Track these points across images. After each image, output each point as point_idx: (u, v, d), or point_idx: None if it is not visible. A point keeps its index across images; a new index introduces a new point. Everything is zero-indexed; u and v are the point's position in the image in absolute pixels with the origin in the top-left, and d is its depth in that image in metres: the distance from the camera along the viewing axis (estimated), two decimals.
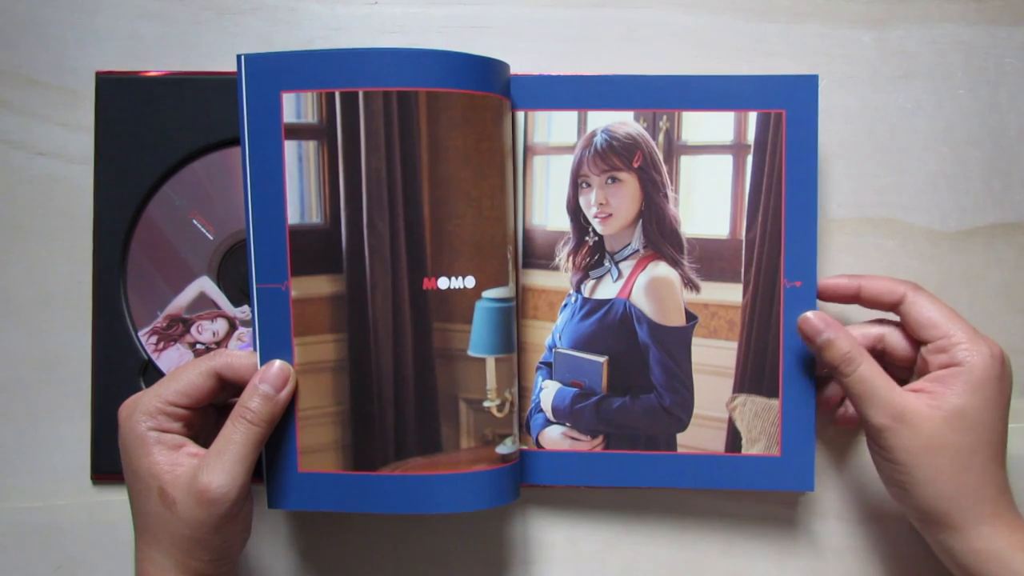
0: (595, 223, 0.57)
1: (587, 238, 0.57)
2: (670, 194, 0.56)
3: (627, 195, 0.56)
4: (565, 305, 0.57)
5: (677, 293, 0.57)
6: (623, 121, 0.57)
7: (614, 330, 0.57)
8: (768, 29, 0.60)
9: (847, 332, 0.52)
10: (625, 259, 0.57)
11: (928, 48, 0.60)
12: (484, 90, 0.52)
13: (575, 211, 0.57)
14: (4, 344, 0.59)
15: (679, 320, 0.57)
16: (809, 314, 0.53)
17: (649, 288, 0.57)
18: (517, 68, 0.57)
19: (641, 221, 0.56)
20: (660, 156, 0.56)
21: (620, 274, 0.57)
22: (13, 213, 0.59)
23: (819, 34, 0.60)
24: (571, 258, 0.57)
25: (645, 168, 0.56)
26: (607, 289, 0.57)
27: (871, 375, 0.51)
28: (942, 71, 0.60)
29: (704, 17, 0.60)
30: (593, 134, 0.57)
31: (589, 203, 0.57)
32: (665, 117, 0.56)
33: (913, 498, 0.50)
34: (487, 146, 0.52)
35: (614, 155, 0.56)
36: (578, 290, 0.57)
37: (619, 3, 0.60)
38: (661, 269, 0.57)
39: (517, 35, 0.60)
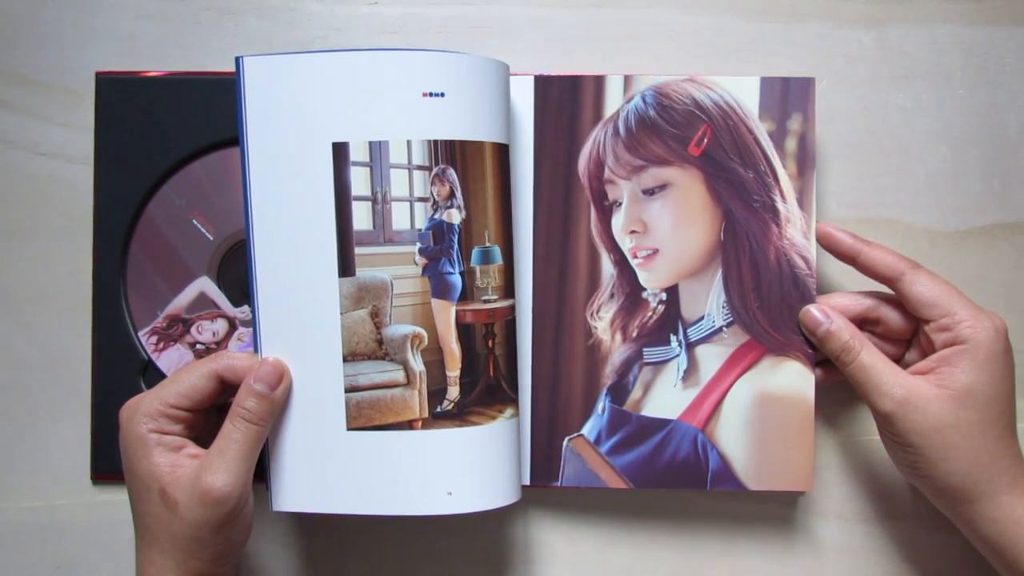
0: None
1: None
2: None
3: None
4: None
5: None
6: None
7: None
8: (768, 29, 0.60)
9: (847, 322, 0.51)
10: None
11: (928, 48, 0.60)
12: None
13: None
14: (4, 344, 0.59)
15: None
16: (810, 307, 0.51)
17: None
18: (517, 68, 0.57)
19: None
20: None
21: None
22: (13, 213, 0.59)
23: (819, 34, 0.60)
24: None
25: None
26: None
27: (871, 362, 0.50)
28: (942, 71, 0.60)
29: (704, 17, 0.60)
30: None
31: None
32: None
33: (929, 478, 0.50)
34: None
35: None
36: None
37: (619, 3, 0.60)
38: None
39: (517, 35, 0.60)
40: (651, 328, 0.44)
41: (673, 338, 0.42)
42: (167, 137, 0.58)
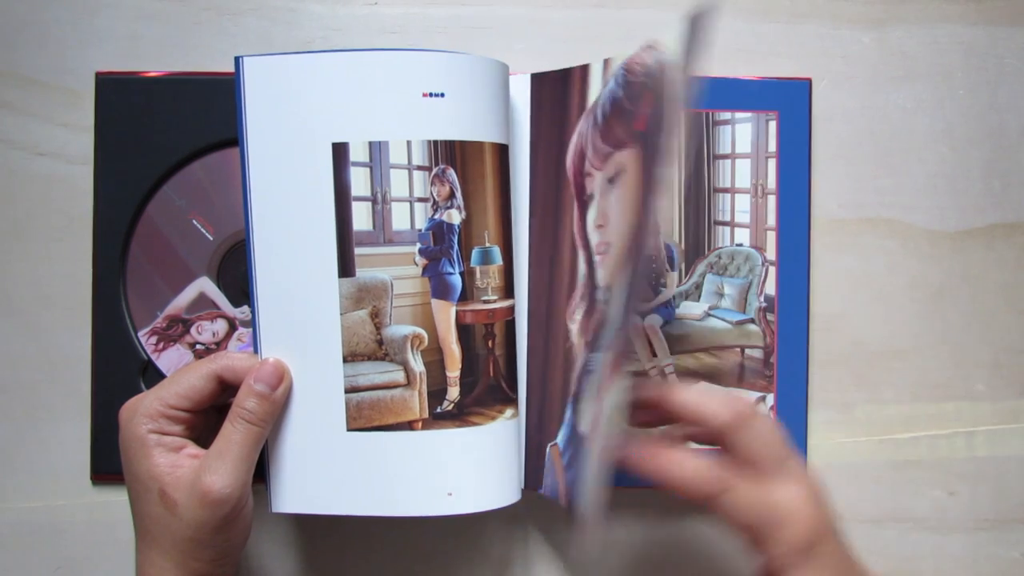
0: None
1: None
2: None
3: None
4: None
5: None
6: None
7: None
8: (768, 29, 0.60)
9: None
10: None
11: (928, 48, 0.60)
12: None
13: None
14: (4, 344, 0.59)
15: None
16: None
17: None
18: (516, 68, 0.57)
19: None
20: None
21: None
22: (13, 213, 0.59)
23: (819, 34, 0.60)
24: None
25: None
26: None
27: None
28: (942, 71, 0.60)
29: None
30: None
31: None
32: None
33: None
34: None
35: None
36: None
37: (619, 3, 0.60)
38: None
39: (517, 35, 0.60)
40: (599, 331, 0.39)
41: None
42: (167, 137, 0.58)
